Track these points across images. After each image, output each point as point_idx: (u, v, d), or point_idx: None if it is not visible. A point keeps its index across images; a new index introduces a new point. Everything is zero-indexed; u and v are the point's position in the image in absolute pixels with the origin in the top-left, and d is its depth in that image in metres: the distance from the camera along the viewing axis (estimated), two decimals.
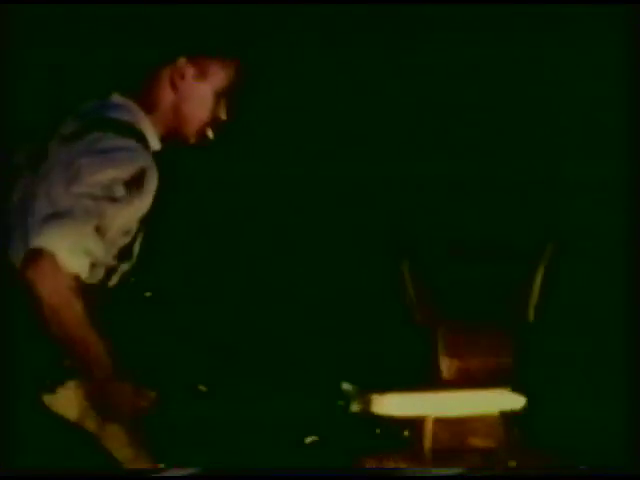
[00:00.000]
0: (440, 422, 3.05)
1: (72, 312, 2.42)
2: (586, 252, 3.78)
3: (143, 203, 2.54)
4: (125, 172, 2.50)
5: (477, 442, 3.12)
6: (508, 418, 3.17)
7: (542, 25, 3.78)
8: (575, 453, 3.17)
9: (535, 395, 3.27)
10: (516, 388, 3.23)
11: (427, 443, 3.01)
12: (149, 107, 2.66)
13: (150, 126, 2.65)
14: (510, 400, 3.14)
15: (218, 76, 2.69)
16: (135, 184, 2.51)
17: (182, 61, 2.66)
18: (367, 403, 2.89)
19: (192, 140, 2.71)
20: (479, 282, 3.35)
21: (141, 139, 2.60)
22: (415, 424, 3.06)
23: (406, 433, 3.08)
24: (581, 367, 3.73)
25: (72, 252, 2.42)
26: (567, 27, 3.76)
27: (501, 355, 3.24)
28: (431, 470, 2.87)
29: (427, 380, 3.24)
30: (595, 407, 3.46)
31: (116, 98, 2.67)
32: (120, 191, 2.49)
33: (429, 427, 3.01)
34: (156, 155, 2.62)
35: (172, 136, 2.71)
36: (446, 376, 3.26)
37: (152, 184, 2.54)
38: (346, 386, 2.88)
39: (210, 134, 2.72)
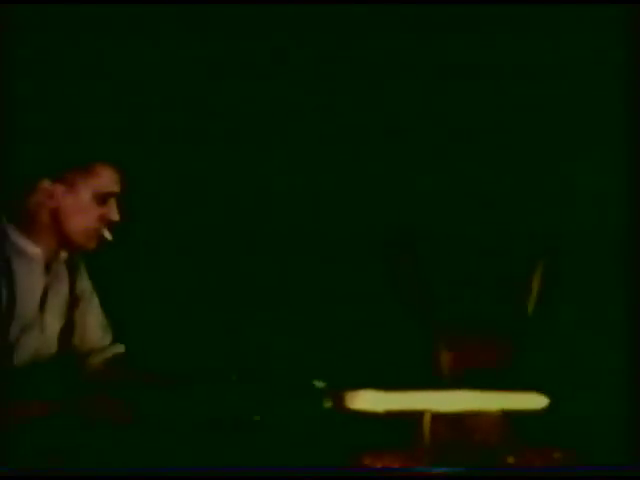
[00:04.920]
0: (438, 418, 3.05)
1: None
2: (586, 251, 3.79)
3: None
4: None
5: (477, 438, 3.12)
6: (508, 415, 3.17)
7: (541, 26, 3.78)
8: (575, 451, 3.17)
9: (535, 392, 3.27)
10: (516, 387, 3.23)
11: (425, 440, 3.00)
12: (28, 229, 2.92)
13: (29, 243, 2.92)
14: (510, 400, 3.14)
15: (92, 184, 2.91)
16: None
17: (45, 183, 2.89)
18: (339, 400, 2.89)
19: (89, 245, 2.96)
20: (478, 283, 3.35)
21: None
22: (414, 421, 3.07)
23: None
24: (581, 364, 3.74)
25: None
26: (567, 27, 3.76)
27: (501, 357, 3.24)
28: (431, 469, 2.87)
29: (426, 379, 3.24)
30: (595, 405, 3.46)
31: None
32: None
33: (427, 423, 3.01)
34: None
35: (68, 247, 2.97)
36: (446, 376, 3.26)
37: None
38: (317, 383, 2.89)
39: (108, 235, 2.95)
